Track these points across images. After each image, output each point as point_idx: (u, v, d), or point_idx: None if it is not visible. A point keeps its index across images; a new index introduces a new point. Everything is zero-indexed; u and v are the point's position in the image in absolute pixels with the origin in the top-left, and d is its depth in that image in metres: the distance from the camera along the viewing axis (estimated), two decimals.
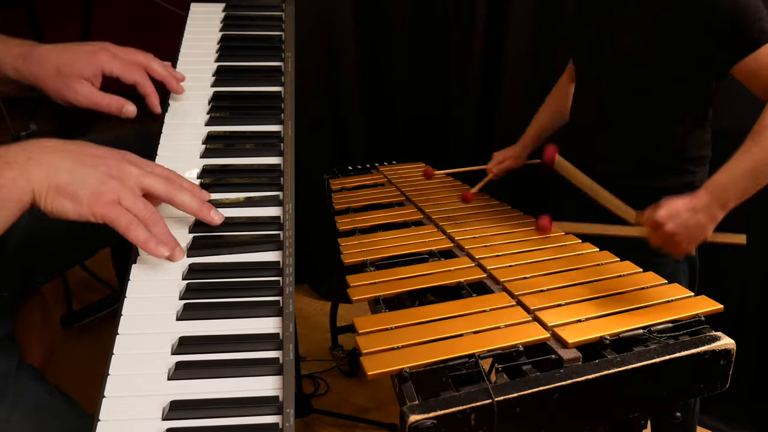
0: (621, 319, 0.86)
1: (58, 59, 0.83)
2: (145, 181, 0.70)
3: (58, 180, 0.65)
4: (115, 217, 0.67)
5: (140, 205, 0.69)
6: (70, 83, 0.83)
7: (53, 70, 0.83)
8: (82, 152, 0.68)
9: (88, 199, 0.66)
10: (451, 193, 1.48)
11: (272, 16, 1.15)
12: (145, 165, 0.72)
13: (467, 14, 2.05)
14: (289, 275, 0.73)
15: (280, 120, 0.95)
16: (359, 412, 1.84)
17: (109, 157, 0.70)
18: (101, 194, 0.66)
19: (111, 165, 0.68)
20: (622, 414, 0.83)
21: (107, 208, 0.66)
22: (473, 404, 0.71)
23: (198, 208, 0.75)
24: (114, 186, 0.67)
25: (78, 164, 0.67)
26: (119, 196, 0.67)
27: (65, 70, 0.83)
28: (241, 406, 0.60)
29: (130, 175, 0.69)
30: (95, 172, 0.67)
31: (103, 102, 0.84)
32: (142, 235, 0.69)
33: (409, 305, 0.96)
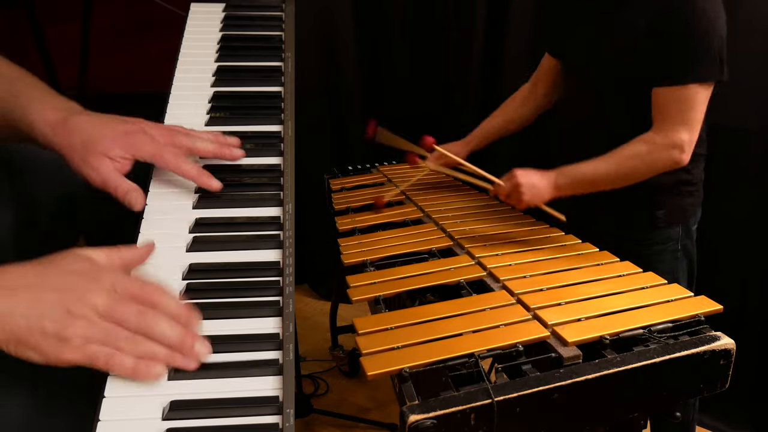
0: (621, 318, 0.86)
1: (88, 132, 0.76)
2: (115, 314, 0.60)
3: (14, 330, 0.57)
4: (89, 360, 0.59)
5: (115, 336, 0.60)
6: (90, 159, 0.75)
7: (79, 142, 0.76)
8: (43, 285, 0.59)
9: (53, 349, 0.57)
10: (451, 193, 1.48)
11: (272, 16, 1.15)
12: (119, 284, 0.62)
13: (467, 14, 2.05)
14: (289, 275, 0.73)
15: (280, 120, 0.95)
16: (359, 412, 1.84)
17: (74, 288, 0.60)
18: (66, 340, 0.57)
19: (75, 300, 0.59)
20: (622, 414, 0.83)
21: (77, 353, 0.58)
22: (473, 404, 0.71)
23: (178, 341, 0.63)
24: (79, 328, 0.58)
25: (35, 307, 0.57)
26: (87, 337, 0.58)
27: (91, 144, 0.76)
28: (241, 406, 0.60)
29: (97, 309, 0.60)
30: (56, 314, 0.58)
31: (112, 184, 0.76)
32: (128, 364, 0.60)
33: (409, 305, 0.96)
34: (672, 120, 1.17)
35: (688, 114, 1.16)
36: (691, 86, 1.15)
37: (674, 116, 1.17)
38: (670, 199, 1.32)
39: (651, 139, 1.18)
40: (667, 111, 1.17)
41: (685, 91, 1.15)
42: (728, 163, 1.67)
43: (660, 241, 1.35)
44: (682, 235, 1.37)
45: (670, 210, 1.33)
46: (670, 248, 1.35)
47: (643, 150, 1.18)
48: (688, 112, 1.16)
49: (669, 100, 1.17)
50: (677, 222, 1.35)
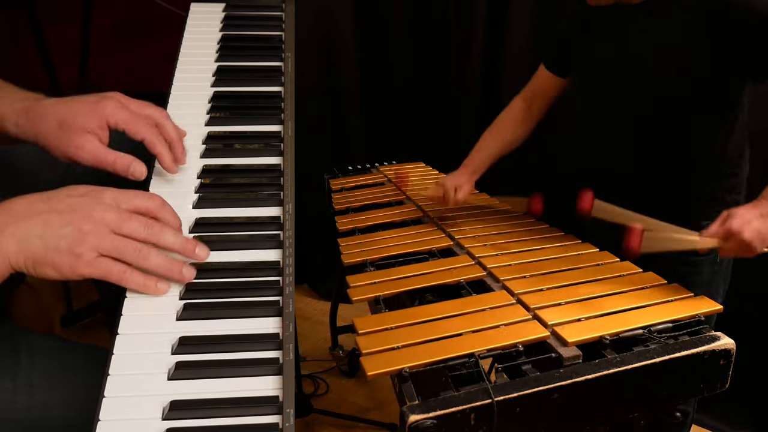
0: (621, 318, 0.86)
1: (60, 112, 0.76)
2: (123, 228, 0.65)
3: (32, 250, 0.62)
4: (103, 273, 0.64)
5: (124, 248, 0.65)
6: (72, 138, 0.75)
7: (55, 124, 0.75)
8: (51, 209, 0.64)
9: (68, 264, 0.62)
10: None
11: (272, 16, 1.16)
12: (123, 200, 0.67)
13: (467, 14, 2.05)
14: (289, 275, 0.73)
15: (280, 120, 0.95)
16: (359, 412, 1.84)
17: (80, 208, 0.64)
18: (79, 255, 0.63)
19: (83, 217, 0.64)
20: (622, 414, 0.83)
21: (90, 267, 0.63)
22: (473, 404, 0.71)
23: (182, 247, 0.70)
24: (90, 241, 0.63)
25: (48, 227, 0.63)
26: (99, 249, 0.64)
27: (67, 123, 0.75)
28: (241, 406, 0.60)
29: (105, 223, 0.64)
30: (67, 231, 0.63)
31: (109, 159, 0.76)
32: (139, 280, 0.67)
33: (409, 305, 0.96)
34: None
35: None
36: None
37: None
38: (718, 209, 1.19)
39: None
40: None
41: None
42: None
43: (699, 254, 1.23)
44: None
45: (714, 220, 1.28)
46: (709, 260, 1.27)
47: None
48: None
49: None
50: None
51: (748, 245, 0.93)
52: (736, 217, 0.94)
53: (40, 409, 0.71)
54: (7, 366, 0.72)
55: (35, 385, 0.72)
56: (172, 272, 0.69)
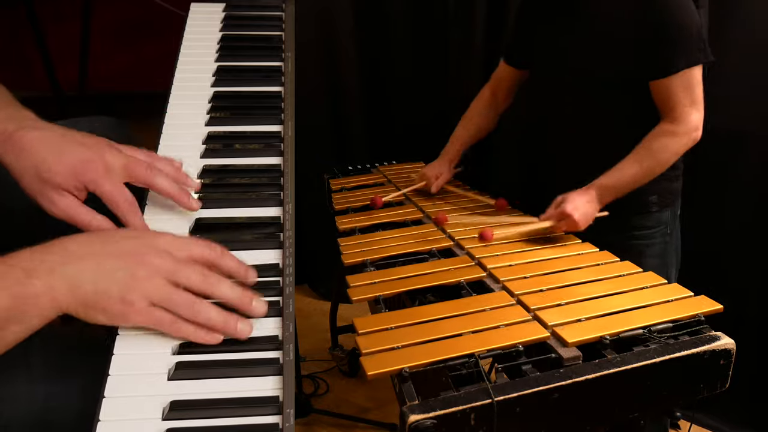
0: (621, 318, 0.86)
1: (39, 158, 0.69)
2: (178, 276, 0.63)
3: (83, 294, 0.60)
4: (155, 323, 0.62)
5: (177, 300, 0.63)
6: (47, 191, 0.69)
7: (31, 170, 0.69)
8: (106, 252, 0.62)
9: (120, 310, 0.61)
10: (451, 192, 1.48)
11: (272, 16, 1.15)
12: (180, 247, 0.65)
13: (467, 14, 2.05)
14: (289, 275, 0.73)
15: (280, 120, 0.95)
16: (359, 412, 1.84)
17: (135, 252, 0.62)
18: (131, 303, 0.61)
19: (137, 263, 0.62)
20: (622, 414, 0.83)
21: (142, 315, 0.62)
22: (473, 404, 0.71)
23: (239, 300, 0.66)
24: (143, 289, 0.61)
25: (101, 271, 0.60)
26: (151, 299, 0.62)
27: (44, 176, 0.69)
28: (241, 406, 0.60)
29: (159, 271, 0.62)
30: (119, 276, 0.61)
31: (84, 219, 0.70)
32: (190, 331, 0.64)
33: (409, 305, 0.96)
34: (681, 106, 1.24)
35: (692, 96, 1.24)
36: (686, 71, 1.22)
37: (683, 102, 1.24)
38: (662, 184, 1.36)
39: (672, 130, 1.25)
40: (674, 99, 1.24)
41: (683, 76, 1.22)
42: (728, 166, 1.68)
43: (651, 226, 1.40)
44: (670, 219, 1.42)
45: (662, 194, 1.38)
46: (660, 232, 1.40)
47: (670, 142, 1.25)
48: (692, 95, 1.24)
49: (672, 90, 1.24)
50: (668, 206, 1.41)
51: (576, 224, 1.16)
52: (569, 202, 1.17)
53: (56, 398, 0.71)
54: (22, 357, 0.73)
55: (50, 375, 0.72)
56: (227, 327, 0.65)
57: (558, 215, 1.16)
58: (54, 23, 2.02)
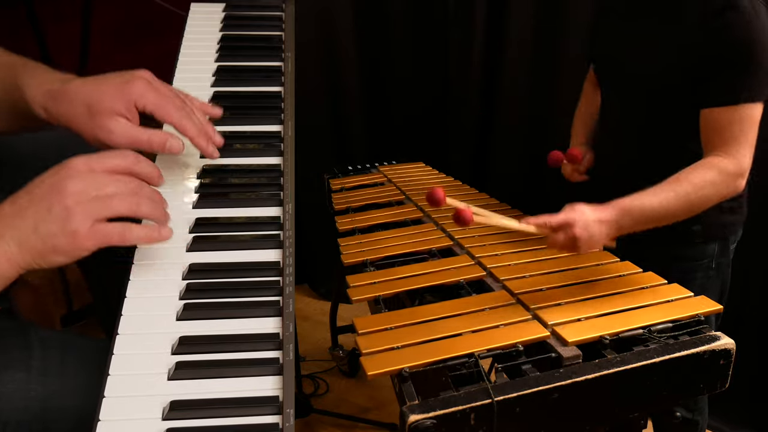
0: (621, 318, 0.86)
1: (86, 95, 0.75)
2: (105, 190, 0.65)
3: (31, 245, 0.62)
4: (104, 239, 0.64)
5: (115, 204, 0.64)
6: (102, 121, 0.74)
7: (83, 109, 0.74)
8: (33, 199, 0.63)
9: (69, 243, 0.62)
10: (451, 193, 1.47)
11: (272, 16, 1.16)
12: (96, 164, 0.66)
13: (467, 14, 2.05)
14: (289, 275, 0.73)
15: (280, 120, 0.95)
16: (359, 412, 1.84)
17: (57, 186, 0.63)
18: (75, 231, 0.62)
19: (63, 195, 0.63)
20: (622, 414, 0.83)
21: (90, 238, 0.63)
22: (473, 404, 0.71)
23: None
24: (79, 213, 0.62)
25: (36, 217, 0.62)
26: (91, 217, 0.63)
27: (94, 107, 0.74)
28: (241, 406, 0.61)
29: (86, 191, 0.64)
30: (55, 213, 0.62)
31: (143, 138, 0.75)
32: (141, 233, 0.67)
33: (409, 305, 0.96)
34: (737, 144, 1.08)
35: (750, 136, 1.08)
36: (746, 106, 1.07)
37: (738, 139, 1.08)
38: (710, 214, 1.17)
39: (722, 166, 1.07)
40: (729, 133, 1.08)
41: (742, 110, 1.08)
42: None
43: (693, 258, 1.25)
44: (718, 252, 1.26)
45: (708, 225, 1.22)
46: (703, 266, 1.26)
47: (716, 179, 1.06)
48: (749, 134, 1.08)
49: (728, 122, 1.08)
50: (714, 238, 1.25)
51: (575, 242, 0.92)
52: (577, 211, 0.94)
53: (55, 398, 0.72)
54: (21, 357, 0.73)
55: (49, 375, 0.72)
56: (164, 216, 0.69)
57: (559, 223, 0.93)
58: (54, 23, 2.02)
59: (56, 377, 0.73)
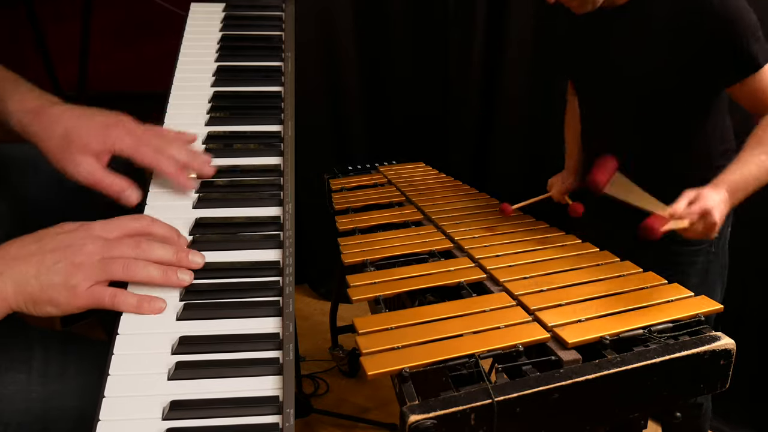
0: (621, 319, 0.86)
1: (68, 124, 0.76)
2: (113, 253, 0.67)
3: (28, 291, 0.64)
4: (97, 301, 0.66)
5: (111, 266, 0.66)
6: (74, 155, 0.76)
7: (60, 135, 0.76)
8: (43, 249, 0.66)
9: (65, 298, 0.64)
10: (451, 194, 1.48)
11: (272, 16, 1.15)
12: (112, 229, 0.69)
13: (467, 14, 2.05)
14: (289, 275, 0.73)
15: (280, 120, 0.95)
16: (359, 412, 1.84)
17: (71, 244, 0.66)
18: (74, 287, 0.64)
19: (74, 252, 0.65)
20: (623, 414, 0.83)
21: (86, 298, 0.65)
22: (473, 404, 0.70)
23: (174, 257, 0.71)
24: (83, 275, 0.65)
25: (42, 267, 0.64)
26: (92, 278, 0.65)
27: (72, 138, 0.76)
28: (241, 406, 0.60)
29: (96, 253, 0.66)
30: (60, 267, 0.64)
31: (104, 182, 0.77)
32: (132, 301, 0.68)
33: (409, 305, 0.96)
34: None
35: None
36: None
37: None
38: None
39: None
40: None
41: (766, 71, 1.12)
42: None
43: (693, 243, 1.27)
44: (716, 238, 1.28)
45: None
46: (704, 250, 1.29)
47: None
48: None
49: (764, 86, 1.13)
50: None
51: (714, 227, 0.96)
52: (708, 198, 0.96)
53: (56, 398, 0.72)
54: (22, 359, 0.73)
55: (50, 376, 0.73)
56: (168, 280, 0.70)
57: (699, 212, 0.95)
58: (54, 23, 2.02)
59: (57, 378, 0.73)
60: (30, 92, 0.81)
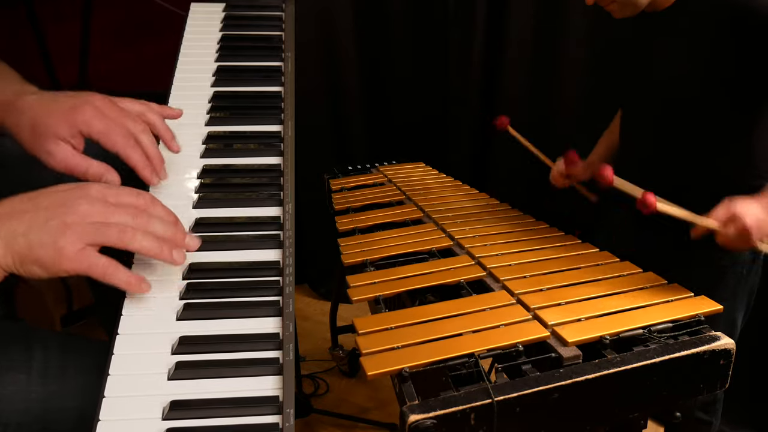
0: (621, 318, 0.86)
1: (35, 113, 0.73)
2: (109, 219, 0.64)
3: (17, 249, 0.61)
4: (86, 267, 0.62)
5: (106, 230, 0.63)
6: (44, 143, 0.72)
7: (29, 125, 0.73)
8: (36, 206, 0.63)
9: (51, 259, 0.61)
10: (451, 193, 1.48)
11: (272, 16, 1.16)
12: (110, 195, 0.66)
13: (467, 14, 2.05)
14: (289, 275, 0.73)
15: (280, 120, 0.95)
16: (359, 412, 1.84)
17: (65, 202, 0.63)
18: (62, 248, 0.61)
19: (67, 211, 0.62)
20: (623, 414, 0.83)
21: (73, 262, 0.61)
22: (473, 404, 0.71)
23: (172, 236, 0.68)
24: (73, 233, 0.61)
25: (32, 225, 0.61)
26: (83, 240, 0.62)
27: (40, 128, 0.73)
28: (241, 406, 0.61)
29: (90, 215, 0.63)
30: (51, 225, 0.61)
31: (80, 168, 0.73)
32: (122, 276, 0.65)
33: (409, 305, 0.96)
34: None
35: None
36: None
37: None
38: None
39: None
40: None
41: None
42: None
43: (726, 261, 1.23)
44: (749, 258, 1.24)
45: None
46: (734, 271, 1.24)
47: None
48: None
49: None
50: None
51: (748, 232, 0.91)
52: (739, 204, 0.93)
53: (55, 399, 0.72)
54: (22, 359, 0.73)
55: (49, 376, 0.72)
56: (162, 254, 0.66)
57: (727, 216, 0.93)
58: (54, 23, 2.02)
59: (56, 379, 0.73)
60: (7, 84, 0.79)
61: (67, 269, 0.62)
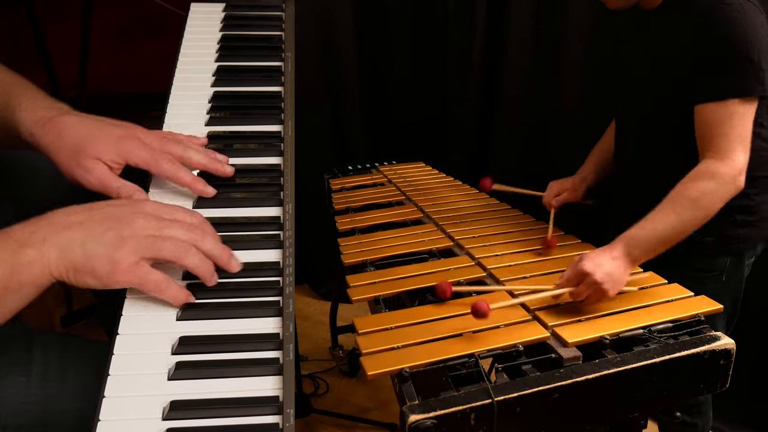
0: (621, 319, 0.86)
1: (81, 135, 0.75)
2: (164, 232, 0.66)
3: (72, 258, 0.62)
4: (139, 282, 0.65)
5: (162, 245, 0.65)
6: (85, 162, 0.75)
7: (72, 144, 0.75)
8: (92, 219, 0.65)
9: (107, 271, 0.63)
10: (451, 193, 1.48)
11: (272, 16, 1.15)
12: (164, 212, 0.68)
13: (467, 14, 2.05)
14: (289, 275, 0.73)
15: (280, 120, 0.95)
16: (359, 412, 1.84)
17: (121, 216, 0.65)
18: (118, 261, 0.63)
19: (123, 225, 0.64)
20: (623, 414, 0.83)
21: (128, 274, 0.64)
22: (473, 404, 0.71)
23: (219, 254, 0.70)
24: (129, 249, 0.63)
25: (89, 236, 0.63)
26: (138, 254, 0.64)
27: (84, 148, 0.75)
28: (241, 406, 0.60)
29: (145, 229, 0.65)
30: (107, 238, 0.63)
31: (114, 186, 0.75)
32: (174, 294, 0.67)
33: (409, 305, 0.96)
34: (727, 141, 1.05)
35: (740, 131, 1.06)
36: (733, 101, 1.06)
37: (729, 136, 1.05)
38: (723, 227, 1.16)
39: (713, 170, 1.05)
40: (718, 131, 1.06)
41: (730, 106, 1.06)
42: None
43: (704, 269, 1.23)
44: (730, 266, 1.23)
45: (721, 238, 1.19)
46: (713, 277, 1.23)
47: (712, 185, 1.04)
48: (740, 130, 1.06)
49: (717, 119, 1.07)
50: (727, 252, 1.22)
51: (600, 287, 0.90)
52: (588, 260, 0.92)
53: (55, 402, 0.72)
54: (21, 361, 0.73)
55: (49, 379, 0.72)
56: (209, 275, 0.69)
57: (575, 275, 0.92)
58: (54, 23, 2.02)
59: (56, 381, 0.73)
60: (40, 100, 0.80)
61: (120, 282, 0.64)
